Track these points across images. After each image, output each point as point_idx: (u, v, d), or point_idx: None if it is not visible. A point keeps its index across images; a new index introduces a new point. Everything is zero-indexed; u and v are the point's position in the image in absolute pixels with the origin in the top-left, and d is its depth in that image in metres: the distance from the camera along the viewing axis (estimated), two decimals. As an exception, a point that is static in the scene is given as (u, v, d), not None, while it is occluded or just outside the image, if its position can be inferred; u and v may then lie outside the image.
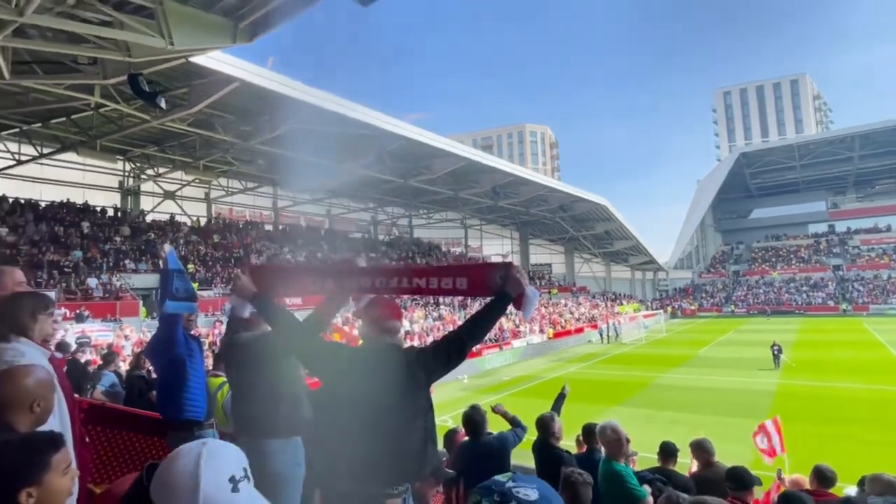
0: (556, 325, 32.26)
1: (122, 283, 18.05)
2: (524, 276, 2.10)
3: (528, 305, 2.07)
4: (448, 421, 12.55)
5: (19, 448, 1.20)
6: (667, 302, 54.99)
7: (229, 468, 1.00)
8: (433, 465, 2.09)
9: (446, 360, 2.08)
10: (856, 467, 5.20)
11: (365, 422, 1.96)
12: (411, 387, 2.03)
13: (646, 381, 18.23)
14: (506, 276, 2.08)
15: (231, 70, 14.48)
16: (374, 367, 2.03)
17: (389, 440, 1.96)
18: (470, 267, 2.27)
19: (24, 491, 1.14)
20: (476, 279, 2.20)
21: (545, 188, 34.61)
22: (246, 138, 18.93)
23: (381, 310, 2.24)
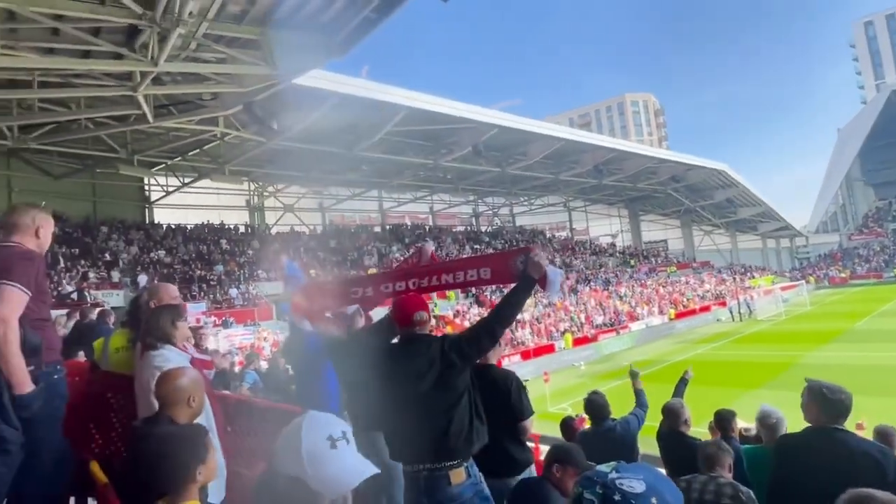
0: (678, 305, 30.10)
1: (256, 291, 20.13)
2: (543, 257, 2.22)
3: (551, 285, 2.19)
4: (567, 409, 12.30)
5: (190, 435, 1.51)
6: (809, 271, 48.67)
7: (327, 430, 1.14)
8: (483, 440, 2.22)
9: (479, 345, 2.24)
10: None
11: (415, 409, 2.17)
12: (449, 371, 2.17)
13: (789, 360, 16.32)
14: (526, 261, 2.21)
15: (330, 85, 15.40)
16: (412, 357, 2.24)
17: (439, 423, 2.13)
18: (490, 257, 2.48)
19: (199, 469, 1.42)
20: (497, 267, 2.38)
21: (653, 160, 32.33)
22: (349, 147, 20.06)
23: (407, 305, 2.40)
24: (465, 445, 2.15)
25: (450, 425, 2.13)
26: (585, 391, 3.92)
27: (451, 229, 36.25)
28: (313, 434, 1.12)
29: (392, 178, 27.53)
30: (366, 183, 28.65)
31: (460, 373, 2.21)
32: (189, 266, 20.04)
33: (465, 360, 2.22)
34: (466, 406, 2.19)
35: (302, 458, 1.08)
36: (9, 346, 1.81)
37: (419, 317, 2.36)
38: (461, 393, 2.19)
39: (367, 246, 27.52)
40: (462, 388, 2.20)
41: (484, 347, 2.27)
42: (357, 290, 2.71)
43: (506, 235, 37.23)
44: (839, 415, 2.35)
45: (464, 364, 2.22)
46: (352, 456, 1.15)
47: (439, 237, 32.22)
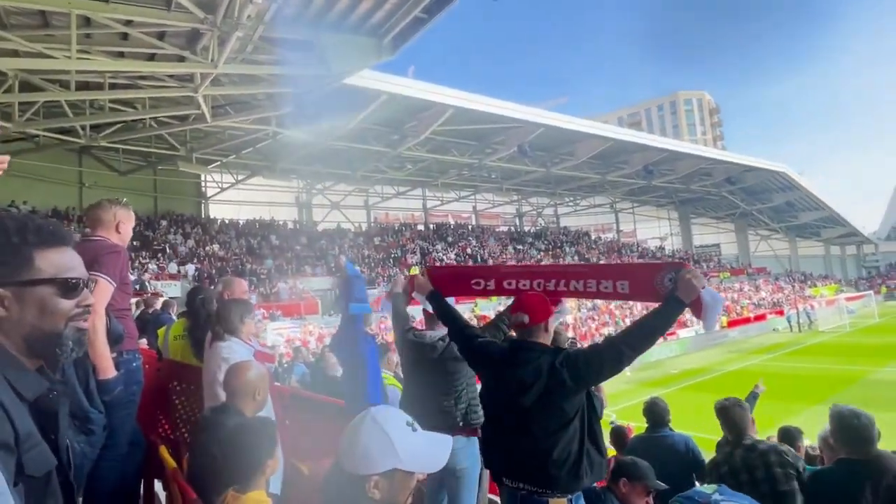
0: (731, 313, 28.80)
1: (304, 286, 20.70)
2: (700, 278, 1.86)
3: (709, 314, 1.84)
4: (611, 416, 12.00)
5: (260, 428, 1.54)
6: (878, 281, 45.48)
7: (402, 417, 1.17)
8: (598, 474, 1.98)
9: (599, 369, 1.95)
10: None
11: (514, 423, 1.98)
12: (557, 390, 1.93)
13: (856, 375, 15.32)
14: (676, 279, 1.87)
15: (378, 84, 15.64)
16: (520, 365, 2.01)
17: (539, 445, 1.91)
18: (632, 268, 2.10)
19: (267, 462, 1.47)
20: (639, 282, 2.02)
21: (706, 160, 31.06)
22: (395, 146, 20.31)
23: (516, 304, 2.19)
24: (569, 477, 1.91)
25: (552, 451, 1.90)
26: (632, 398, 3.81)
27: (494, 229, 36.08)
28: (393, 422, 1.13)
29: (436, 177, 27.68)
30: (410, 181, 28.94)
31: (571, 394, 1.95)
32: (241, 259, 20.82)
33: (579, 383, 1.95)
34: (576, 433, 1.94)
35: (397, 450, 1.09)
36: (97, 334, 1.93)
37: (518, 318, 2.17)
38: (570, 418, 1.94)
39: (411, 244, 27.79)
40: (571, 412, 1.94)
41: (607, 374, 1.97)
42: (479, 280, 2.58)
43: (549, 236, 36.72)
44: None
45: (577, 386, 1.95)
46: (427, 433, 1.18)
47: (482, 237, 32.15)
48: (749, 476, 2.41)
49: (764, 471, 2.38)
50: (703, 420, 3.74)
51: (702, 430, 3.57)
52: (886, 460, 2.21)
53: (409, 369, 3.00)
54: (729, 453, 2.55)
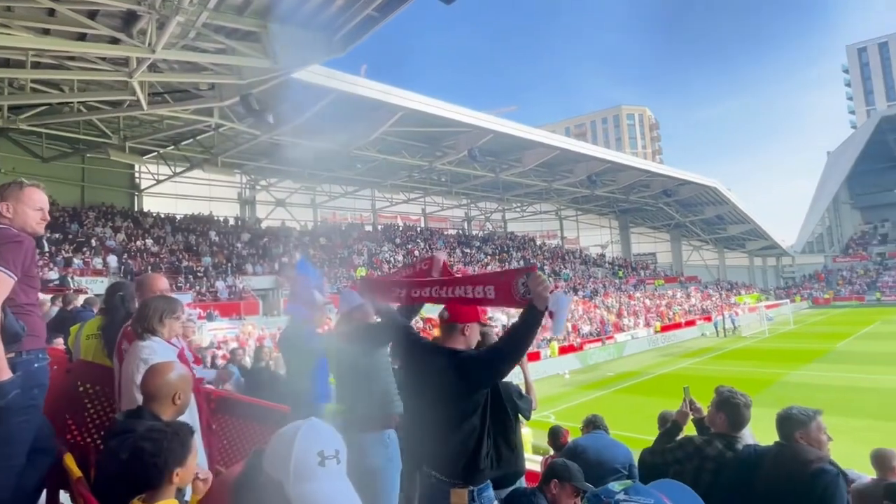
0: (664, 318, 30.32)
1: (243, 285, 19.95)
2: (546, 283, 1.90)
3: (556, 317, 1.89)
4: (551, 417, 12.32)
5: (172, 434, 1.43)
6: (794, 290, 49.31)
7: (320, 444, 1.07)
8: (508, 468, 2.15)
9: (486, 374, 2.11)
10: None
11: (426, 416, 2.16)
12: (451, 391, 2.08)
13: (771, 378, 16.51)
14: (528, 284, 1.92)
15: (328, 81, 15.35)
16: (433, 366, 2.17)
17: (439, 438, 2.08)
18: (494, 276, 2.22)
19: (176, 470, 1.37)
20: (501, 288, 2.09)
21: (645, 173, 32.61)
22: (344, 145, 20.00)
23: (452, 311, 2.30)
24: (468, 470, 2.04)
25: (450, 445, 2.05)
26: (571, 400, 3.91)
27: (442, 232, 36.25)
28: (306, 444, 1.05)
29: (386, 178, 27.49)
30: (359, 181, 28.58)
31: (464, 394, 2.08)
32: (177, 256, 19.81)
33: (470, 385, 2.09)
34: (475, 430, 2.05)
35: (289, 466, 1.02)
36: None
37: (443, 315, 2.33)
38: (467, 416, 2.06)
39: (358, 245, 27.43)
40: (468, 410, 2.07)
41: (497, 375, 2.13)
42: (399, 290, 2.66)
43: (497, 241, 37.31)
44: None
45: (468, 388, 2.08)
46: (337, 479, 1.06)
47: (430, 239, 32.21)
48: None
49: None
50: (637, 421, 3.89)
51: (635, 431, 3.70)
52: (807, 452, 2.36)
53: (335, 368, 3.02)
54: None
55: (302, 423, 1.10)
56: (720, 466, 2.43)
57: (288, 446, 1.04)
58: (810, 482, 2.16)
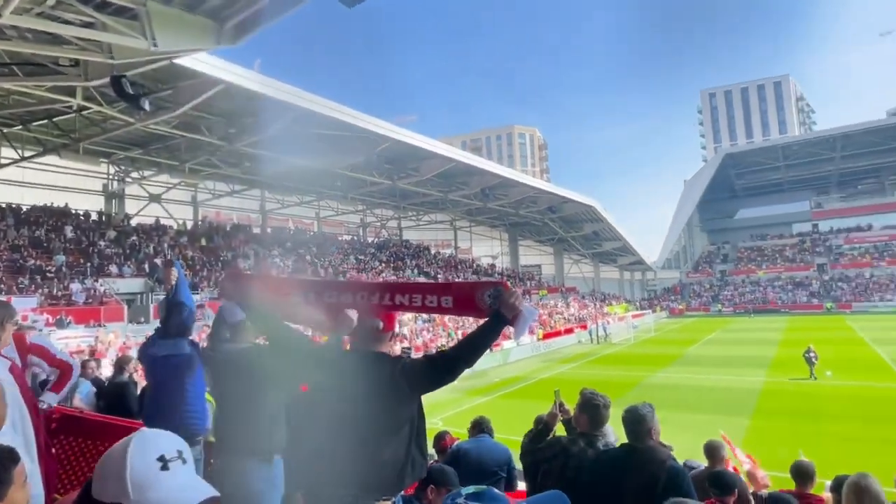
0: (546, 326, 32.35)
1: (106, 288, 17.77)
2: (518, 297, 2.03)
3: (521, 325, 2.01)
4: (439, 423, 12.51)
5: None
6: (655, 302, 55.42)
7: (159, 450, 1.00)
8: (418, 476, 2.08)
9: (434, 378, 2.07)
10: (836, 464, 5.27)
11: (347, 429, 1.98)
12: (395, 397, 2.02)
13: (635, 380, 18.33)
14: (497, 297, 2.02)
15: (216, 72, 14.36)
16: (358, 375, 2.04)
17: (369, 449, 1.96)
18: (455, 285, 2.25)
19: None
20: (461, 298, 2.16)
21: (534, 189, 34.74)
22: (232, 140, 18.78)
23: (372, 317, 2.23)
24: (396, 479, 2.00)
25: (383, 455, 1.98)
26: (459, 406, 4.02)
27: (336, 237, 35.40)
28: (141, 455, 0.97)
29: (277, 179, 26.26)
30: (248, 180, 26.97)
31: (407, 401, 2.06)
32: (20, 253, 17.12)
33: (416, 390, 2.08)
34: (405, 438, 2.03)
35: (126, 484, 0.93)
36: None
37: (372, 325, 2.22)
38: (403, 423, 2.04)
39: (244, 247, 25.79)
40: (405, 417, 2.05)
41: (441, 382, 2.08)
42: (333, 294, 2.46)
43: (392, 248, 37.29)
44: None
45: (413, 393, 2.07)
46: (187, 475, 1.01)
47: (323, 245, 31.27)
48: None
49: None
50: (519, 423, 4.08)
51: (517, 433, 3.87)
52: (658, 451, 2.66)
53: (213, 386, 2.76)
54: None
55: (130, 436, 1.02)
56: (582, 464, 2.66)
57: (120, 464, 0.96)
58: (667, 479, 2.46)
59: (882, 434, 10.66)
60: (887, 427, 11.16)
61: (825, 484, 4.05)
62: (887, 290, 45.96)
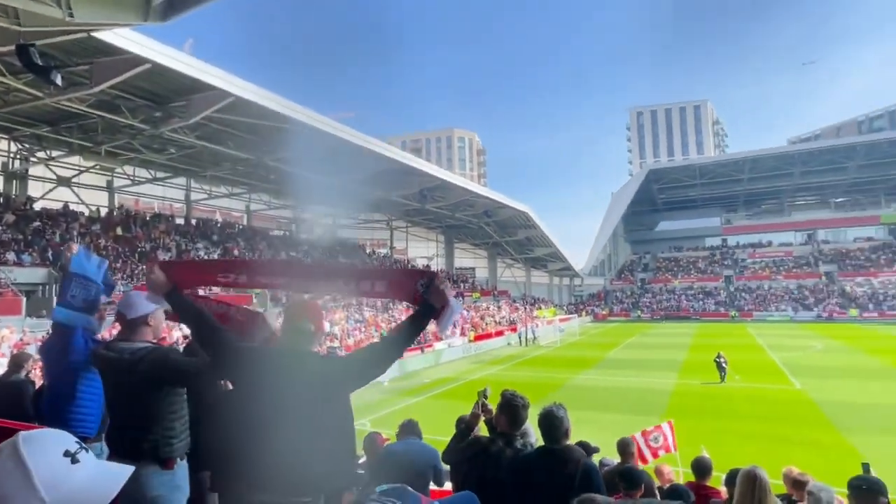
0: (478, 328, 32.93)
1: (2, 277, 16.08)
2: (448, 287, 2.07)
3: (446, 319, 2.06)
4: (366, 425, 12.41)
5: None
6: (581, 307, 57.98)
7: (59, 445, 0.96)
8: (349, 475, 2.09)
9: (364, 372, 2.06)
10: (734, 458, 5.79)
11: (275, 429, 1.92)
12: (325, 395, 1.98)
13: (560, 381, 19.09)
14: (429, 286, 2.05)
15: (142, 50, 13.44)
16: (287, 373, 1.98)
17: (299, 449, 1.91)
18: (390, 270, 2.26)
19: None
20: (395, 284, 2.19)
21: (471, 193, 35.28)
22: (157, 125, 17.63)
23: (301, 312, 2.17)
24: (324, 479, 1.97)
25: (315, 456, 1.92)
26: (389, 406, 4.03)
27: (267, 232, 34.13)
28: (43, 455, 0.92)
29: (206, 168, 24.96)
30: (172, 168, 25.41)
31: (337, 399, 2.03)
32: None
33: (347, 386, 2.06)
34: (336, 436, 2.01)
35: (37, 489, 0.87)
36: None
37: (306, 327, 2.12)
38: (333, 423, 2.01)
39: (166, 238, 24.25)
40: (335, 415, 2.02)
41: (371, 375, 2.08)
42: (229, 274, 2.33)
43: (326, 246, 36.47)
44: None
45: (345, 389, 2.05)
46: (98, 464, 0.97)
47: (253, 239, 30.05)
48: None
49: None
50: (448, 424, 4.14)
51: (446, 434, 3.92)
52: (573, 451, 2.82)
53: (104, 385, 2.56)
54: None
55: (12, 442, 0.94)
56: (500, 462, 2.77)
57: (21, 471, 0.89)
58: (583, 476, 2.63)
59: (775, 431, 11.81)
60: (779, 425, 12.39)
61: (721, 477, 4.45)
62: (782, 301, 50.89)
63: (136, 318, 2.50)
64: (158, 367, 2.34)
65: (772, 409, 14.06)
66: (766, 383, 17.88)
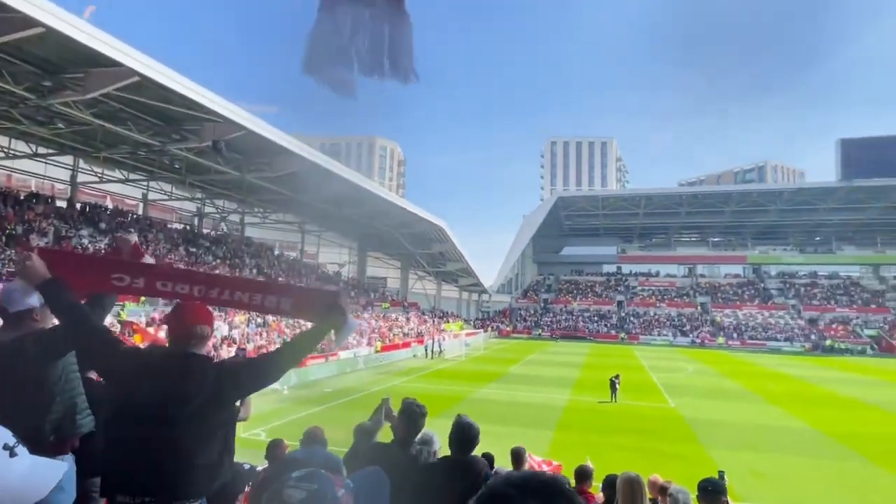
0: (385, 339, 32.78)
1: None
2: (349, 307, 2.21)
3: (343, 333, 2.17)
4: (261, 435, 11.92)
5: None
6: (487, 322, 59.74)
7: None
8: (226, 479, 2.06)
9: (259, 379, 2.08)
10: (613, 468, 6.36)
11: (160, 433, 1.88)
12: (215, 400, 1.97)
13: (462, 395, 19.55)
14: (331, 305, 2.15)
15: (34, 11, 12.10)
16: (175, 376, 1.96)
17: (184, 453, 1.90)
18: (296, 288, 2.31)
19: None
20: (302, 303, 2.24)
21: (389, 203, 35.27)
22: (45, 96, 15.86)
23: (189, 314, 2.12)
24: (208, 482, 1.97)
25: (198, 458, 1.91)
26: (287, 416, 3.96)
27: (165, 224, 31.62)
28: None
29: (99, 149, 22.75)
30: (58, 144, 22.88)
31: (227, 404, 2.04)
32: None
33: (239, 391, 2.07)
34: (221, 440, 2.00)
35: None
36: None
37: (200, 331, 2.09)
38: (220, 426, 2.00)
39: (43, 221, 21.65)
40: (223, 420, 2.02)
41: (265, 383, 2.10)
42: (124, 277, 2.19)
43: (230, 244, 34.50)
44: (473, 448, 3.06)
45: (236, 395, 2.06)
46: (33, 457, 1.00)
47: (149, 230, 27.70)
48: None
49: None
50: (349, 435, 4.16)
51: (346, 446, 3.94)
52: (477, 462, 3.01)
53: None
54: None
55: None
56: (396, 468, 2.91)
57: None
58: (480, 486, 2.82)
59: (650, 445, 13.02)
60: (654, 439, 13.67)
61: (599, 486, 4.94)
62: (664, 326, 56.11)
63: (20, 312, 2.30)
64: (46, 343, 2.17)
65: (649, 425, 15.46)
66: (646, 401, 19.61)
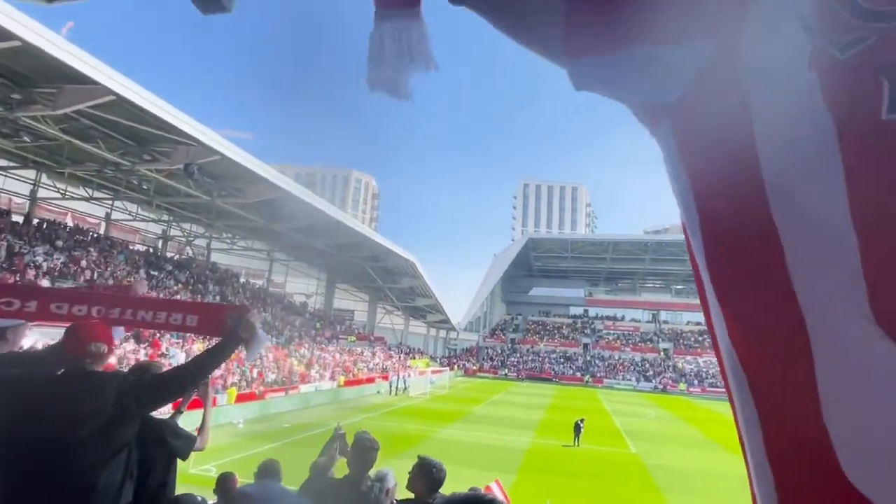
0: (349, 373, 32.04)
1: None
2: (258, 320, 2.22)
3: (253, 348, 2.19)
4: (211, 470, 11.35)
5: None
6: (454, 360, 59.16)
7: None
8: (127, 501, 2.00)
9: (165, 394, 2.08)
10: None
11: (57, 456, 1.82)
12: (117, 419, 1.91)
13: (424, 434, 19.15)
14: (239, 319, 2.17)
15: (11, 24, 11.98)
16: (70, 396, 1.91)
17: (83, 476, 1.84)
18: (202, 305, 2.30)
19: None
20: (207, 319, 2.27)
21: (360, 236, 35.19)
22: (12, 108, 15.52)
23: (84, 332, 2.09)
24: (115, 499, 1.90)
25: (98, 481, 1.84)
26: (241, 451, 3.81)
27: (127, 245, 30.62)
28: None
29: (65, 165, 22.18)
30: (21, 157, 22.20)
31: (131, 422, 1.97)
32: None
33: (143, 409, 2.02)
34: (123, 461, 1.93)
35: None
36: None
37: (96, 349, 2.03)
38: (123, 446, 1.93)
39: (-6, 236, 20.69)
40: (125, 440, 1.95)
41: (171, 399, 2.08)
42: (13, 301, 2.12)
43: (195, 269, 33.57)
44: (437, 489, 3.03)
45: (139, 412, 2.00)
46: None
47: (109, 251, 26.77)
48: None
49: None
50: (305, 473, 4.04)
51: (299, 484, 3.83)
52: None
53: None
54: None
55: None
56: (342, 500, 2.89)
57: None
58: None
59: (609, 490, 12.98)
60: (613, 485, 13.62)
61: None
62: (628, 371, 56.69)
63: None
64: None
65: (609, 470, 15.42)
66: (608, 446, 19.60)
